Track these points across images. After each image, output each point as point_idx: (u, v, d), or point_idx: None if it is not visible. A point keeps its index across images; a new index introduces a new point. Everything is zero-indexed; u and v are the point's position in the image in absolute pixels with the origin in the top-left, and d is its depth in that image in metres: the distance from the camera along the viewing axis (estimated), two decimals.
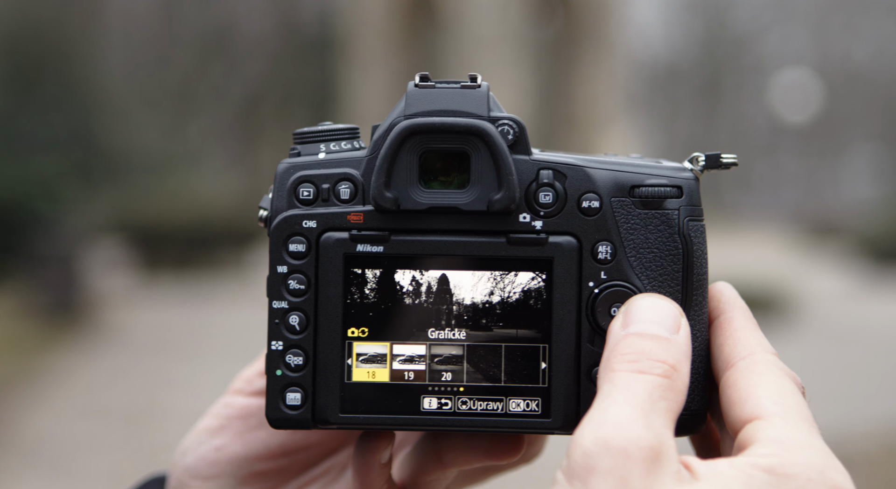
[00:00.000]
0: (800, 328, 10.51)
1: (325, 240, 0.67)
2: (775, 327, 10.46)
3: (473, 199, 0.67)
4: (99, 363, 8.52)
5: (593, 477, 0.55)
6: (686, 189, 0.68)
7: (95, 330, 10.05)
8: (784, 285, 12.02)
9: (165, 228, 14.72)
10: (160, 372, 8.12)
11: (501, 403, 0.67)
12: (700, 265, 0.68)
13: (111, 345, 9.33)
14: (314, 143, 0.69)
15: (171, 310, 11.57)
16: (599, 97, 13.37)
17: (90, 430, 6.25)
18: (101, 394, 7.38)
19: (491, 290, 0.67)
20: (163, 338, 9.74)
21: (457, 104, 0.67)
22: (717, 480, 0.55)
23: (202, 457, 0.74)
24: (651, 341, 0.61)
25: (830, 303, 12.55)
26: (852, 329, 10.72)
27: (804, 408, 0.60)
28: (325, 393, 0.67)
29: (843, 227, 21.89)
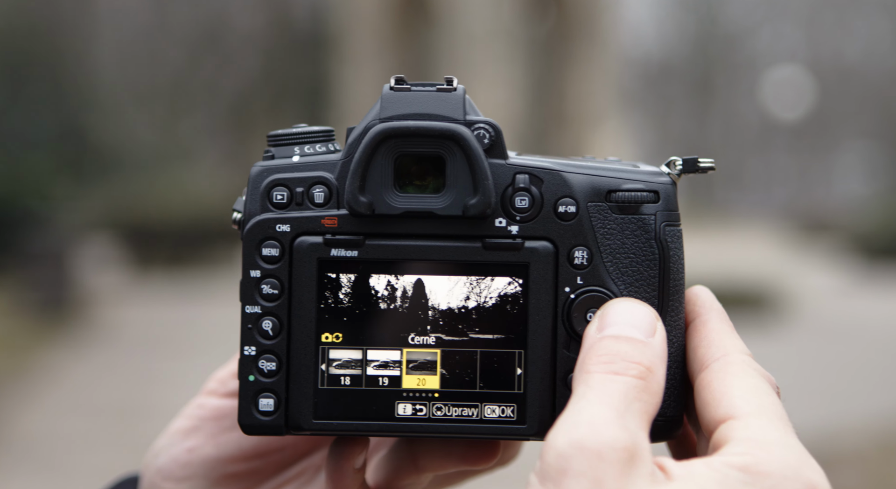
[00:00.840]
0: (792, 325, 10.53)
1: (298, 244, 0.66)
2: (767, 324, 10.48)
3: (449, 204, 0.66)
4: (91, 360, 8.50)
5: (566, 479, 0.54)
6: (663, 194, 0.67)
7: (87, 327, 10.03)
8: (776, 282, 12.04)
9: (157, 225, 14.69)
10: (152, 369, 8.11)
11: (476, 409, 0.66)
12: (676, 270, 0.67)
13: (103, 343, 9.31)
14: (288, 146, 0.68)
15: (163, 307, 11.55)
16: (592, 94, 13.38)
17: (82, 427, 6.24)
18: (92, 391, 7.37)
19: (467, 296, 0.66)
20: (155, 335, 9.73)
21: (432, 107, 0.66)
22: (692, 480, 0.55)
23: (174, 459, 0.73)
24: (626, 343, 0.61)
25: (822, 300, 12.58)
26: (844, 326, 10.75)
27: (779, 408, 0.60)
28: (299, 398, 0.66)
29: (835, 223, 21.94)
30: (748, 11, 30.52)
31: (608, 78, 13.70)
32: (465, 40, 12.59)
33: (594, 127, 13.31)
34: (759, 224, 24.29)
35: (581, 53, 13.43)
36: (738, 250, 15.98)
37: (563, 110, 13.50)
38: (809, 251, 19.54)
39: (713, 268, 11.54)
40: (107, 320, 10.39)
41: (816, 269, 16.58)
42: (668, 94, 30.55)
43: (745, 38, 30.59)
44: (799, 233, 22.53)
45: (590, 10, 13.52)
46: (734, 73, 30.16)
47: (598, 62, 13.47)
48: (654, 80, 29.75)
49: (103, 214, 14.55)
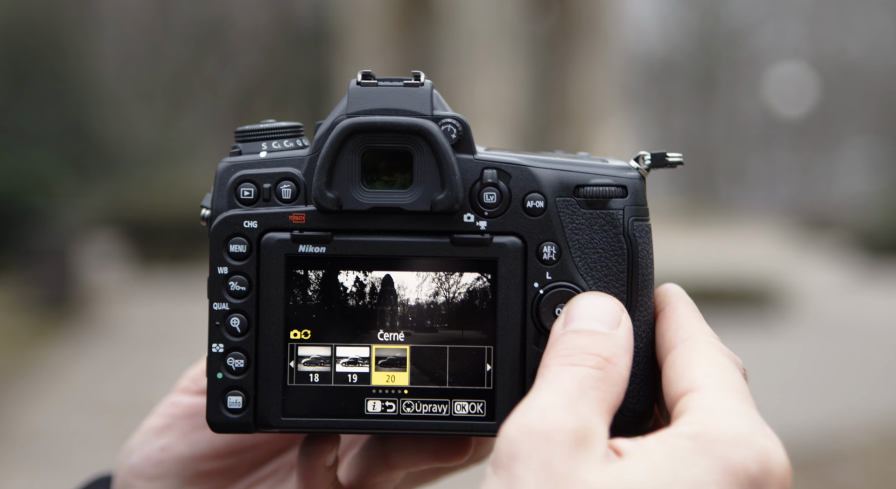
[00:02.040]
0: (795, 322, 10.52)
1: (266, 240, 0.66)
2: (770, 321, 10.47)
3: (416, 199, 0.66)
4: (94, 357, 8.51)
5: (516, 463, 0.54)
6: (631, 188, 0.67)
7: (90, 324, 10.04)
8: (779, 279, 12.03)
9: (160, 222, 14.70)
10: (155, 366, 8.11)
11: (446, 406, 0.66)
12: (645, 265, 0.67)
13: (106, 339, 9.32)
14: (256, 142, 0.68)
15: (165, 304, 11.56)
16: (594, 91, 13.37)
17: (85, 424, 6.25)
18: (96, 388, 7.37)
19: (436, 291, 0.66)
20: (158, 332, 9.74)
21: (399, 102, 0.66)
22: (641, 454, 0.55)
23: (147, 457, 0.73)
24: (587, 337, 0.61)
25: (825, 296, 12.57)
26: (847, 323, 10.74)
27: (740, 383, 0.60)
28: (267, 396, 0.66)
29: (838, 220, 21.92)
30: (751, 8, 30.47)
31: (611, 74, 13.69)
32: (468, 37, 12.58)
33: (596, 124, 13.30)
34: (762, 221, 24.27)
35: (583, 50, 13.41)
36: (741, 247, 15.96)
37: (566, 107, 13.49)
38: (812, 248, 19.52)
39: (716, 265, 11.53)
40: (110, 317, 10.40)
41: (819, 266, 16.57)
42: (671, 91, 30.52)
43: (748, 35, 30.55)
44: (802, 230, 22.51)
45: (592, 7, 13.50)
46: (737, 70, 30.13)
47: (600, 59, 13.46)
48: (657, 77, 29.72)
49: (106, 211, 14.56)
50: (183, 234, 14.69)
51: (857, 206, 22.72)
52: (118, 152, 17.66)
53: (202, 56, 21.31)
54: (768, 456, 0.55)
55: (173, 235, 14.63)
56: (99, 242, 12.58)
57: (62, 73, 16.82)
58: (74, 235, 11.62)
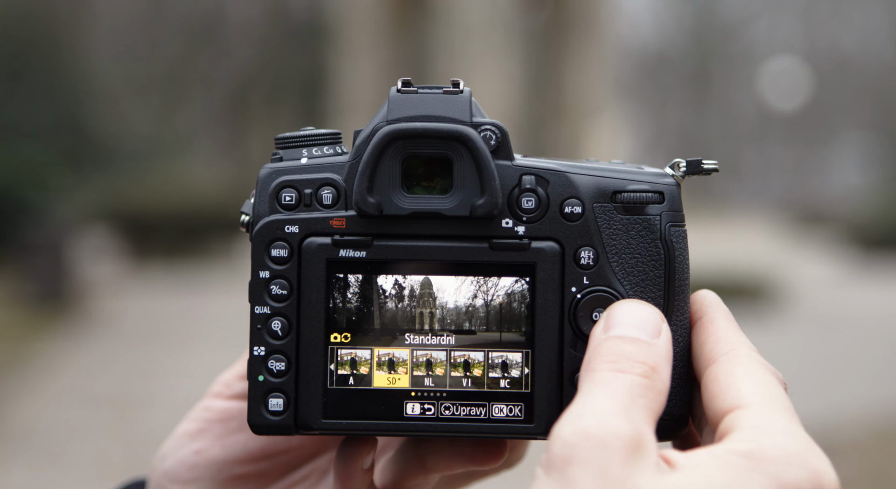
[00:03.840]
0: (788, 316, 10.55)
1: (307, 245, 0.67)
2: (764, 315, 10.49)
3: (456, 205, 0.67)
4: (88, 351, 8.51)
5: (571, 467, 0.55)
6: (668, 195, 0.68)
7: (85, 318, 10.03)
8: (773, 273, 12.06)
9: (155, 216, 14.68)
10: (149, 360, 8.11)
11: (484, 408, 0.67)
12: (682, 271, 0.68)
13: (101, 334, 9.32)
14: (296, 148, 0.69)
15: (160, 299, 11.55)
16: (589, 86, 13.37)
17: (80, 418, 6.25)
18: (90, 381, 7.38)
19: (474, 295, 0.67)
20: (152, 327, 9.74)
21: (439, 109, 0.67)
22: (696, 469, 0.56)
23: (181, 461, 0.73)
24: (631, 344, 0.61)
25: (819, 290, 12.60)
26: (840, 317, 10.77)
27: (785, 400, 0.61)
28: (308, 398, 0.66)
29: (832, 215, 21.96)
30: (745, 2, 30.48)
31: (605, 69, 13.69)
32: (463, 32, 12.58)
33: (591, 118, 13.30)
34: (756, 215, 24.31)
35: (578, 45, 13.41)
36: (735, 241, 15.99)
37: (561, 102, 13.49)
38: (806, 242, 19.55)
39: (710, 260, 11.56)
40: (104, 311, 10.40)
41: (813, 260, 16.60)
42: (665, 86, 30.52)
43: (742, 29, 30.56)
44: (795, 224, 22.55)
45: (587, 2, 13.50)
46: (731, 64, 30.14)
47: (595, 53, 13.46)
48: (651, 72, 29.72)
49: (100, 205, 14.53)
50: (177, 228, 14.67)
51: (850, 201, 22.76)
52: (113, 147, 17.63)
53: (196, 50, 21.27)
54: (821, 476, 0.56)
55: (168, 230, 14.61)
56: (93, 237, 12.57)
57: (57, 68, 16.78)
58: (69, 230, 11.61)
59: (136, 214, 14.59)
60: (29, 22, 16.23)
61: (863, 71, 29.60)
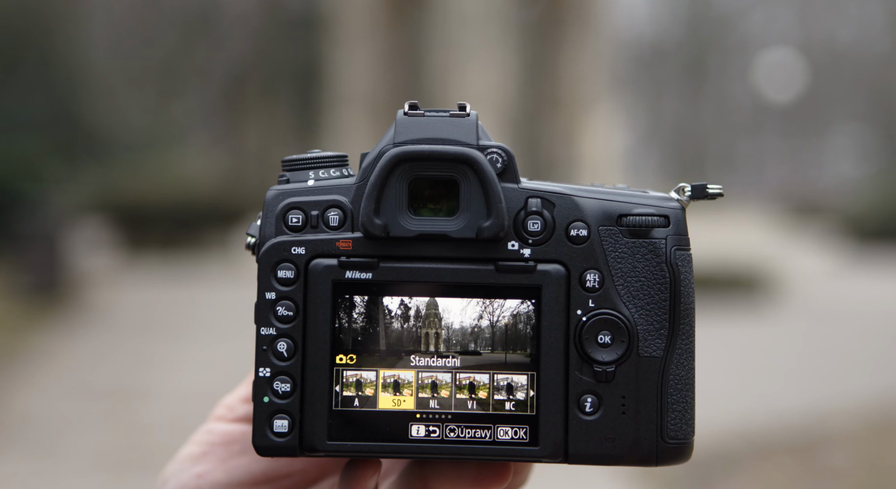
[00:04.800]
0: (783, 307, 10.56)
1: (313, 266, 0.67)
2: (759, 306, 10.51)
3: (462, 227, 0.67)
4: (83, 342, 8.51)
5: None
6: (673, 218, 0.68)
7: (79, 309, 10.02)
8: (768, 264, 12.07)
9: (149, 208, 14.67)
10: (144, 351, 8.11)
11: (489, 431, 0.67)
12: (687, 294, 0.68)
13: (95, 325, 9.31)
14: (303, 170, 0.69)
15: (155, 290, 11.54)
16: (584, 77, 13.36)
17: (74, 409, 6.25)
18: (85, 373, 7.37)
19: (479, 317, 0.67)
20: (147, 318, 9.73)
21: (446, 132, 0.67)
22: None
23: (183, 485, 0.73)
24: None
25: (814, 282, 12.62)
26: (835, 308, 10.79)
27: None
28: (313, 420, 0.67)
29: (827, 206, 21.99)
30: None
31: (600, 60, 13.68)
32: (458, 23, 12.55)
33: (587, 110, 13.29)
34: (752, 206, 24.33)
35: (573, 36, 13.40)
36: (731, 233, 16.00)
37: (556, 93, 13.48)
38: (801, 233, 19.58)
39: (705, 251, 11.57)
40: (99, 303, 10.39)
41: (808, 252, 16.62)
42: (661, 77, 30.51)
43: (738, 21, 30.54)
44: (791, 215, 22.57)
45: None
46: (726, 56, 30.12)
47: (590, 44, 13.44)
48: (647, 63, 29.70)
49: (95, 197, 14.51)
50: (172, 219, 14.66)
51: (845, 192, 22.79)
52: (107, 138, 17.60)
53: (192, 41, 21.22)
54: None
55: (163, 221, 14.60)
56: (88, 228, 12.56)
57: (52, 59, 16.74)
58: (63, 221, 11.60)
59: (131, 206, 14.57)
60: (24, 13, 16.18)
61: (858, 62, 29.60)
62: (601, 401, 0.67)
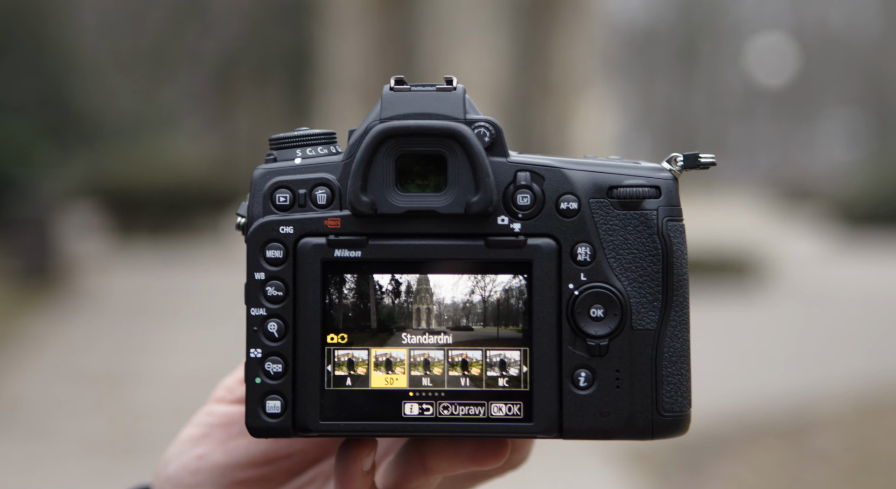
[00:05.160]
0: (774, 291, 10.59)
1: (302, 245, 0.66)
2: (749, 291, 10.54)
3: (451, 202, 0.66)
4: (74, 327, 8.50)
5: None
6: (664, 189, 0.68)
7: (70, 294, 10.01)
8: (758, 249, 12.10)
9: (140, 192, 14.63)
10: (135, 336, 8.10)
11: (483, 408, 0.66)
12: (680, 265, 0.68)
13: (86, 310, 9.30)
14: (290, 149, 0.69)
15: (146, 275, 11.53)
16: (577, 61, 13.34)
17: (66, 394, 6.24)
18: (76, 357, 7.37)
19: (470, 294, 0.67)
20: (138, 303, 9.72)
21: (432, 107, 0.66)
22: None
23: (184, 466, 0.73)
24: None
25: (804, 266, 12.66)
26: (825, 292, 10.82)
27: None
28: (305, 400, 0.66)
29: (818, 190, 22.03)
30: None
31: (593, 45, 13.66)
32: (450, 7, 12.52)
33: (579, 94, 13.28)
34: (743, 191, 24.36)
35: (565, 21, 13.37)
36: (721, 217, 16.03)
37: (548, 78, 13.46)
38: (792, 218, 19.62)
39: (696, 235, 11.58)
40: (90, 287, 10.37)
41: (798, 236, 16.67)
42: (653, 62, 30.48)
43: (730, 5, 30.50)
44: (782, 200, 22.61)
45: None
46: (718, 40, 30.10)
47: (582, 29, 13.42)
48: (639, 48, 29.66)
49: (86, 181, 14.47)
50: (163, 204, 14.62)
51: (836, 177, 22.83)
52: (98, 122, 17.53)
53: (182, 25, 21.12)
54: None
55: (153, 206, 14.56)
56: (78, 213, 12.52)
57: (41, 42, 16.65)
58: (54, 205, 11.56)
59: (122, 190, 14.53)
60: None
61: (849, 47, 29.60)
62: (595, 376, 0.66)
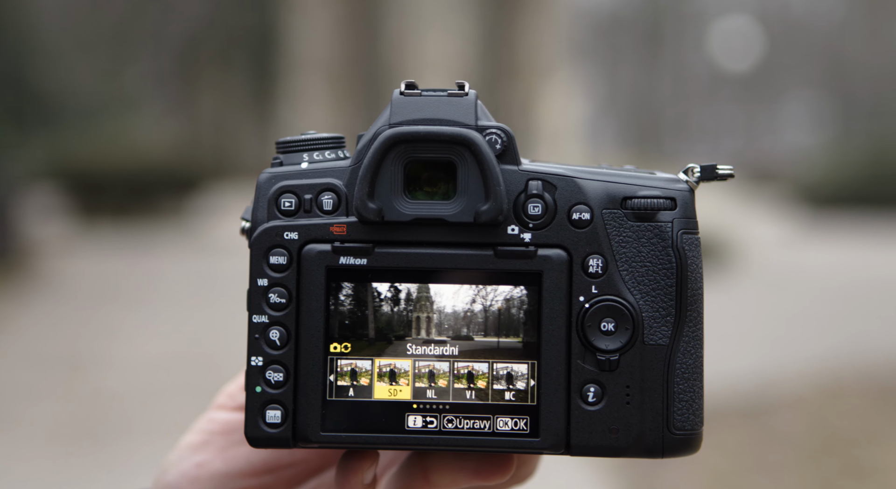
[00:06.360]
0: (738, 274, 10.69)
1: (306, 252, 0.65)
2: (713, 273, 10.62)
3: (460, 211, 0.65)
4: (36, 311, 8.42)
5: None
6: (680, 201, 0.66)
7: (32, 278, 9.91)
8: (723, 232, 12.19)
9: (103, 175, 14.48)
10: (99, 320, 8.04)
11: (488, 422, 0.65)
12: (695, 279, 0.66)
13: (49, 294, 9.21)
14: (297, 153, 0.67)
15: (109, 259, 11.43)
16: (542, 45, 13.34)
17: (28, 379, 6.19)
18: (39, 342, 7.30)
19: (479, 306, 0.65)
20: (101, 287, 9.64)
21: (443, 112, 0.65)
22: None
23: (183, 474, 0.72)
24: None
25: (768, 249, 12.78)
26: (788, 275, 10.93)
27: None
28: (307, 410, 0.65)
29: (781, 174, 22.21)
30: None
31: (558, 29, 13.66)
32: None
33: (544, 78, 13.29)
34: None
35: (532, 4, 13.36)
36: None
37: (514, 61, 13.45)
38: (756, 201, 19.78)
39: None
40: (52, 271, 10.27)
41: (762, 219, 16.81)
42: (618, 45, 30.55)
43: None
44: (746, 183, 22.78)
45: None
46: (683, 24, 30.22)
47: (548, 13, 13.42)
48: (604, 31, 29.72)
49: (46, 163, 14.31)
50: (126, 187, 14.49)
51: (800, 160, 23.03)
52: (59, 104, 17.32)
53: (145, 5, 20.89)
54: None
55: (116, 188, 14.43)
56: (40, 195, 12.38)
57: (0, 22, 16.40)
58: (14, 188, 11.42)
59: (84, 173, 14.38)
60: None
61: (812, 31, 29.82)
62: (604, 391, 0.65)
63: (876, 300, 9.33)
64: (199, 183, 15.24)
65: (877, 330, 7.86)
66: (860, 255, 12.56)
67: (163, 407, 5.19)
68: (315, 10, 13.15)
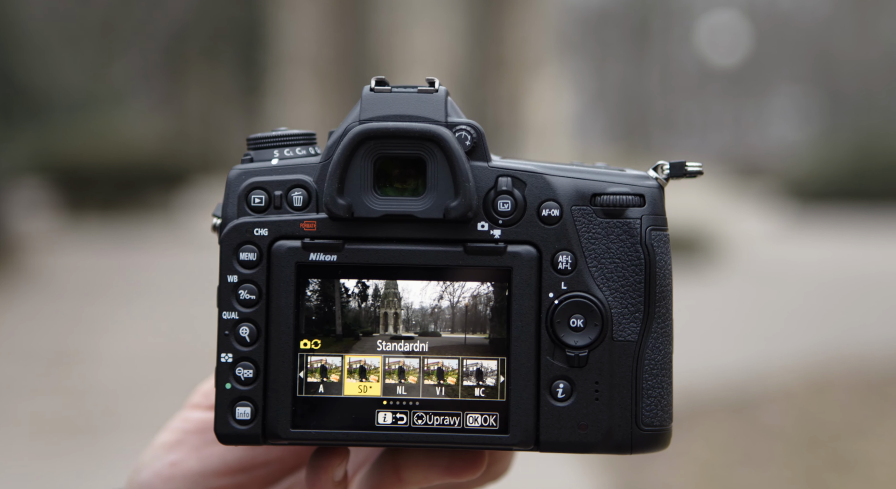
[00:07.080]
0: (725, 269, 10.71)
1: (276, 248, 0.65)
2: (700, 268, 10.64)
3: (429, 207, 0.65)
4: (22, 306, 8.38)
5: None
6: (649, 197, 0.66)
7: (18, 273, 9.87)
8: (709, 227, 12.22)
9: (90, 170, 14.43)
10: (86, 315, 8.01)
11: (458, 418, 0.65)
12: (663, 275, 0.66)
13: (35, 289, 9.18)
14: (268, 149, 0.67)
15: (96, 253, 11.39)
16: (530, 39, 13.34)
17: (13, 374, 6.17)
18: (24, 337, 7.27)
19: (446, 303, 0.66)
20: (88, 282, 9.61)
21: (413, 109, 0.65)
22: None
23: (157, 473, 0.72)
24: None
25: (755, 243, 12.81)
26: (776, 269, 10.96)
27: None
28: (276, 407, 0.65)
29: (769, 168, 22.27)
30: None
31: (546, 23, 13.66)
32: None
33: (533, 72, 13.29)
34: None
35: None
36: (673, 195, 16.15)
37: (502, 55, 13.45)
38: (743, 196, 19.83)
39: None
40: (39, 266, 10.23)
41: (750, 214, 16.85)
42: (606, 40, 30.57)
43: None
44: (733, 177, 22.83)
45: None
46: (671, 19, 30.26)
47: (536, 7, 13.41)
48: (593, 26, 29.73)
49: (33, 158, 14.24)
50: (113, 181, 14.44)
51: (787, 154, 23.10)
52: (45, 98, 17.24)
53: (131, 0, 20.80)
54: None
55: (103, 183, 14.38)
56: (26, 190, 12.33)
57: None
58: (1, 183, 11.37)
59: (71, 167, 14.33)
60: None
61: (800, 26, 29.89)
62: (574, 387, 0.65)
63: (862, 294, 9.37)
64: (187, 178, 15.20)
65: (863, 324, 7.90)
66: (847, 250, 12.61)
67: (150, 402, 5.18)
68: (302, 4, 13.12)
